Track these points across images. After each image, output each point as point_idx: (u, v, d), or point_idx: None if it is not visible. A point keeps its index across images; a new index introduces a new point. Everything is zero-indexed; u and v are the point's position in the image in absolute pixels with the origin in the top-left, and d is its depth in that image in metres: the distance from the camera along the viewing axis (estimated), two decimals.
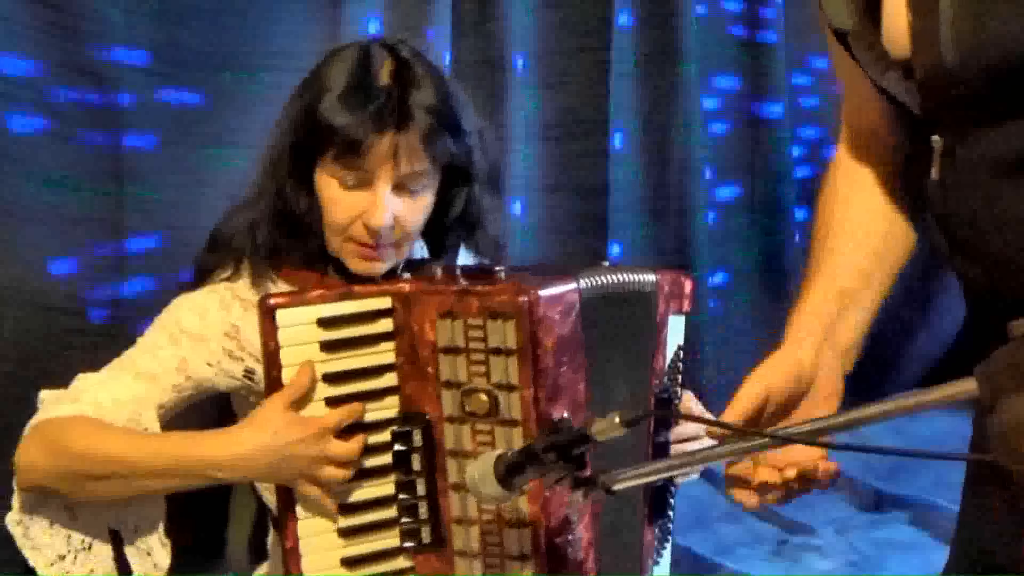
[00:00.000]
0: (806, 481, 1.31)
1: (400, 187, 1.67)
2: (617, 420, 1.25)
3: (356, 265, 1.71)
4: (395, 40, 1.74)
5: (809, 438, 1.19)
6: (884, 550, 2.41)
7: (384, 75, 1.67)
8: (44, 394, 1.72)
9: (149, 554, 1.73)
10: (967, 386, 1.07)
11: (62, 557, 1.69)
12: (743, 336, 3.07)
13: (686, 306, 1.80)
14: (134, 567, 1.73)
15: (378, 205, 1.65)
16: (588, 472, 1.32)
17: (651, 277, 1.74)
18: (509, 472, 1.33)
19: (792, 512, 2.59)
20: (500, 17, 2.57)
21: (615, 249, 2.78)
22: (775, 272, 3.09)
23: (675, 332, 1.80)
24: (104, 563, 1.71)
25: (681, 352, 1.81)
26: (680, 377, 1.81)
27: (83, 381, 1.71)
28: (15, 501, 1.69)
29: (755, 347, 3.08)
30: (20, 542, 1.69)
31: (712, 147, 2.99)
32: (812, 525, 2.53)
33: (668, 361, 1.78)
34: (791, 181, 3.08)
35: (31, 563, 1.69)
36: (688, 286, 1.81)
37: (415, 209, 1.70)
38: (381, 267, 1.71)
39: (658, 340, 1.75)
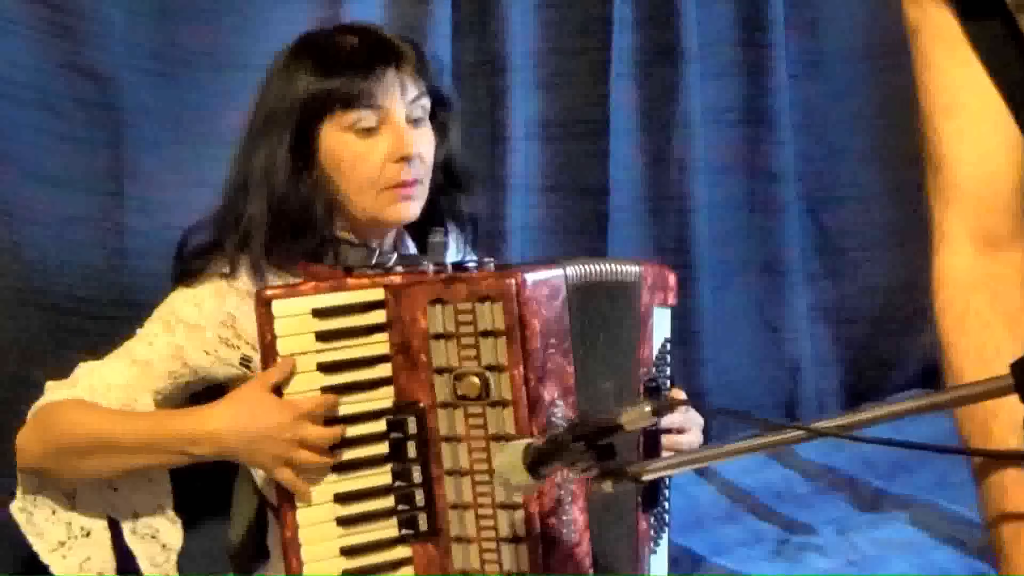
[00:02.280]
0: None
1: (407, 119, 1.77)
2: (648, 409, 1.26)
3: (395, 213, 1.78)
4: (329, 26, 1.88)
5: (841, 432, 1.15)
6: (884, 550, 2.41)
7: (348, 38, 1.78)
8: (48, 384, 1.78)
9: (154, 537, 1.79)
10: (1002, 380, 1.02)
11: (62, 543, 1.76)
12: (742, 336, 3.07)
13: (671, 299, 1.84)
14: (138, 552, 1.79)
15: (403, 134, 1.75)
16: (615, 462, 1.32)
17: (635, 268, 1.78)
18: (537, 461, 1.33)
19: (792, 512, 2.59)
20: (500, 17, 2.57)
21: (615, 249, 2.78)
22: (775, 272, 3.09)
23: (660, 324, 1.82)
24: (103, 549, 1.78)
25: (668, 344, 1.83)
26: (668, 369, 1.83)
27: (81, 368, 1.77)
28: (19, 486, 1.76)
29: (754, 347, 3.08)
30: (24, 528, 1.76)
31: (712, 147, 2.99)
32: (812, 525, 2.53)
33: (655, 352, 1.80)
34: (791, 181, 3.07)
35: (34, 548, 1.76)
36: (671, 279, 1.85)
37: (426, 138, 1.80)
38: (414, 209, 1.79)
39: (643, 330, 1.78)
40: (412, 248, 1.88)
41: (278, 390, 1.64)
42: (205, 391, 1.81)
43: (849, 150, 3.19)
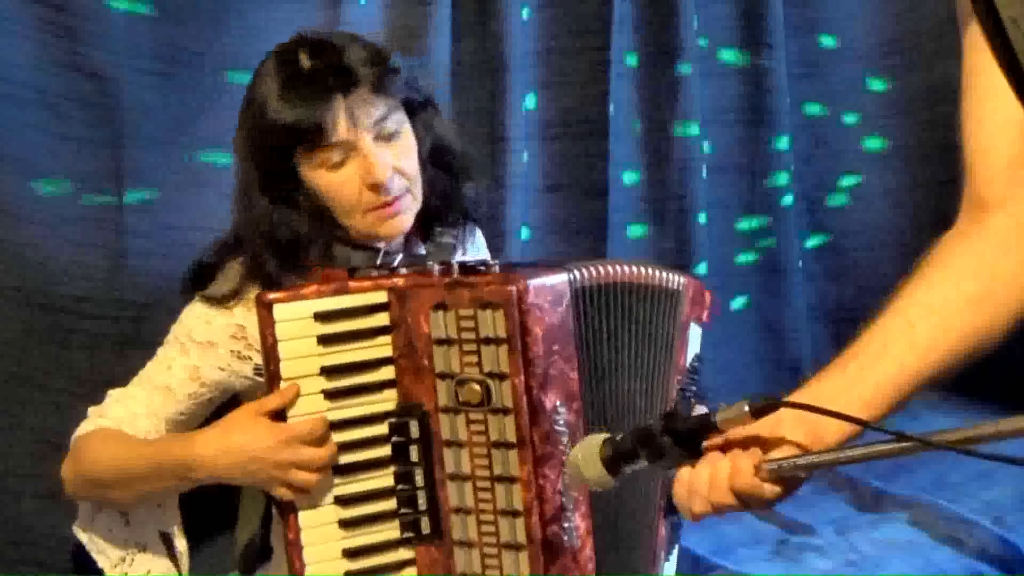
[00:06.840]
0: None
1: (379, 137, 1.74)
2: (746, 408, 1.24)
3: (384, 229, 1.76)
4: (297, 34, 1.80)
5: (957, 446, 1.15)
6: (884, 550, 2.41)
7: (304, 59, 1.73)
8: (90, 410, 1.81)
9: (184, 554, 1.83)
10: None
11: (123, 559, 1.81)
12: (742, 336, 3.07)
13: (705, 317, 1.83)
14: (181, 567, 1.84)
15: (372, 162, 1.72)
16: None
17: (680, 277, 1.78)
18: (618, 457, 1.30)
19: (792, 512, 2.59)
20: (500, 17, 2.57)
21: (615, 249, 2.78)
22: (775, 272, 3.09)
23: (694, 339, 1.83)
24: (160, 563, 1.82)
25: (698, 362, 1.83)
26: (695, 386, 1.83)
27: (111, 396, 1.81)
28: (80, 511, 1.84)
29: (754, 347, 3.08)
30: (88, 547, 1.82)
31: (712, 147, 2.99)
32: (812, 525, 2.53)
33: (688, 363, 1.80)
34: (791, 181, 3.08)
35: (99, 565, 1.82)
36: (708, 298, 1.84)
37: (404, 151, 1.77)
38: (406, 221, 1.78)
39: (683, 338, 1.78)
40: (421, 248, 1.87)
41: (280, 413, 1.64)
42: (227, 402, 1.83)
43: (849, 150, 3.19)
